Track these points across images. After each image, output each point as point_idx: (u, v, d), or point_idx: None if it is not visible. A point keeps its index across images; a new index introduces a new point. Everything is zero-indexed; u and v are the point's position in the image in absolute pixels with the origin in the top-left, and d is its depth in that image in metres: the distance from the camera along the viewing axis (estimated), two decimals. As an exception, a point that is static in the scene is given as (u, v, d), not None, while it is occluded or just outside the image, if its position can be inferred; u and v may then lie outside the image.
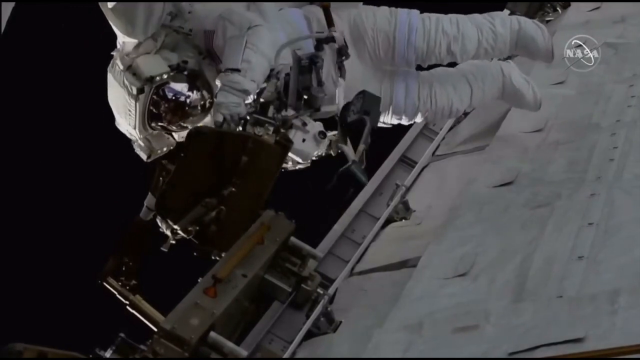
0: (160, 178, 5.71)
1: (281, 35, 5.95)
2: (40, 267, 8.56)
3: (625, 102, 6.66)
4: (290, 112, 5.84)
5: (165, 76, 5.73)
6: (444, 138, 7.65)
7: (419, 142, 7.70)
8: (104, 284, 5.70)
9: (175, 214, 5.57)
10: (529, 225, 5.50)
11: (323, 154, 5.99)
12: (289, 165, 5.96)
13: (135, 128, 5.84)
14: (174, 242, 5.63)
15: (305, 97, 5.82)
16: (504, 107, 7.33)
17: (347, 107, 5.81)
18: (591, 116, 6.63)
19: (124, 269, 5.73)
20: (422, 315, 5.01)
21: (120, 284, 5.69)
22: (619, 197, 5.33)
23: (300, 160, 5.93)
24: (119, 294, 5.68)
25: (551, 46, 6.67)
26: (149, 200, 5.72)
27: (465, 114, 7.90)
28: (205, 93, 5.91)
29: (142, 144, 5.93)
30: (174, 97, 5.80)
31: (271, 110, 5.78)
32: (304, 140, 5.85)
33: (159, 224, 5.63)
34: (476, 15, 6.57)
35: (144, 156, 5.94)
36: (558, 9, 9.14)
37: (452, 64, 6.62)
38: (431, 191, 6.89)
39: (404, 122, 6.54)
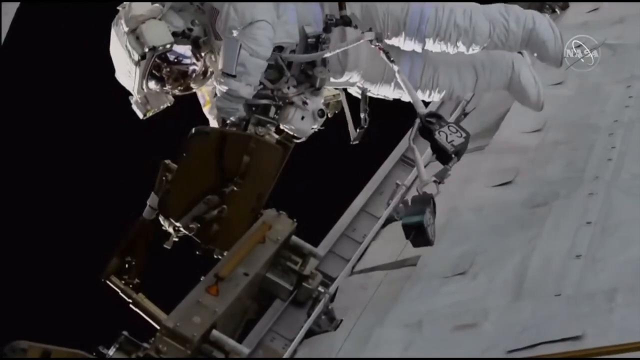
0: (163, 178, 5.71)
1: (291, 14, 5.86)
2: (44, 266, 8.55)
3: (623, 102, 6.67)
4: (291, 90, 5.84)
5: (168, 46, 5.67)
6: (443, 138, 7.63)
7: (419, 141, 7.68)
8: (108, 282, 5.70)
9: (178, 212, 5.57)
10: (528, 225, 5.50)
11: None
12: (286, 128, 5.93)
13: (134, 89, 5.80)
14: (176, 239, 5.63)
15: (309, 73, 5.83)
16: (504, 108, 7.33)
17: (446, 125, 5.63)
18: (589, 116, 6.64)
19: (127, 267, 5.73)
20: (421, 313, 5.01)
21: (123, 282, 5.69)
22: (617, 197, 5.33)
23: (298, 136, 5.93)
24: (122, 292, 5.67)
25: (562, 53, 6.47)
26: (152, 199, 5.71)
27: (465, 114, 7.92)
28: (208, 59, 5.87)
29: (139, 101, 5.88)
30: (176, 61, 5.76)
31: (272, 111, 5.78)
32: (302, 117, 5.86)
33: (162, 222, 5.63)
34: (492, 8, 6.38)
35: (140, 114, 5.85)
36: (557, 10, 9.12)
37: None
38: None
39: (404, 99, 6.43)
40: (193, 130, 5.58)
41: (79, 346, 5.04)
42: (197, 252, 5.74)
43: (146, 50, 5.61)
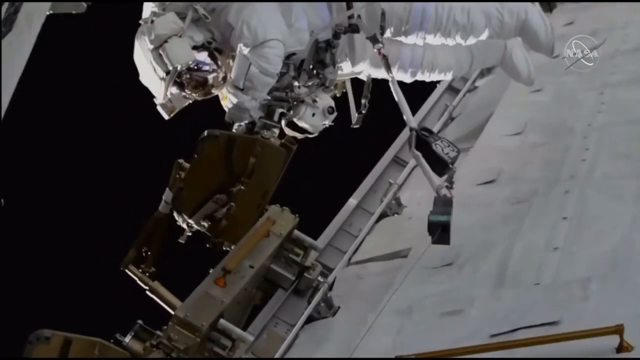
0: (177, 176, 5.71)
1: (303, 21, 5.77)
2: (66, 258, 8.57)
3: (596, 108, 6.68)
4: (303, 90, 5.83)
5: (191, 63, 5.58)
6: (432, 141, 7.62)
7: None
8: (126, 270, 5.70)
9: (190, 209, 5.58)
10: (510, 220, 5.51)
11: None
12: (298, 135, 5.94)
13: (159, 96, 5.68)
14: (189, 234, 5.64)
15: (319, 73, 5.82)
16: (488, 112, 7.35)
17: (439, 140, 5.57)
18: (565, 121, 6.65)
19: (144, 257, 5.73)
20: (412, 300, 5.02)
21: (140, 271, 5.69)
22: (591, 194, 5.35)
23: (311, 131, 5.94)
24: (140, 280, 5.67)
25: (552, 43, 6.49)
26: (167, 195, 5.71)
27: (452, 118, 7.93)
28: (226, 66, 5.78)
29: (164, 103, 5.81)
30: (196, 68, 5.66)
31: (277, 115, 5.78)
32: (313, 115, 5.88)
33: (176, 217, 5.64)
34: (489, 4, 6.32)
35: (165, 115, 5.78)
36: None
37: None
38: (421, 189, 6.88)
39: (405, 80, 6.35)
40: (204, 133, 5.58)
41: (98, 334, 5.03)
42: (207, 245, 5.75)
43: (170, 68, 5.54)
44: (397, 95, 5.70)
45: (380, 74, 6.14)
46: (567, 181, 5.65)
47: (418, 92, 8.18)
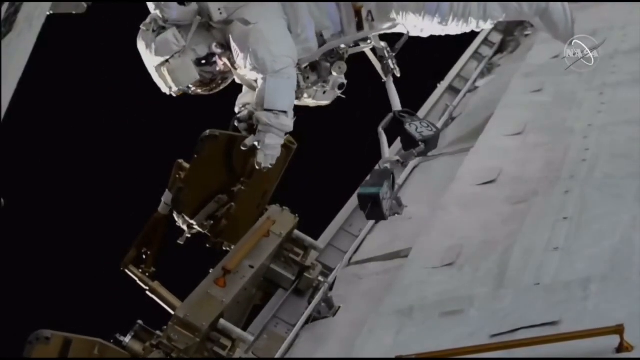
0: (177, 176, 5.72)
1: (310, 32, 5.57)
2: (67, 258, 8.57)
3: (595, 108, 6.68)
4: (314, 78, 5.69)
5: (194, 81, 5.43)
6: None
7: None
8: (126, 271, 5.71)
9: (190, 209, 5.58)
10: (510, 220, 5.51)
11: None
12: (311, 103, 5.84)
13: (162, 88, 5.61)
14: (189, 235, 5.64)
15: (328, 65, 5.72)
16: (488, 112, 7.34)
17: (418, 121, 5.51)
18: (565, 121, 6.64)
19: (143, 258, 5.74)
20: (412, 301, 5.02)
21: (140, 271, 5.70)
22: (591, 194, 5.34)
23: (324, 103, 5.87)
24: (140, 280, 5.68)
25: (572, 33, 6.19)
26: (167, 196, 5.71)
27: (452, 118, 7.94)
28: (228, 71, 5.61)
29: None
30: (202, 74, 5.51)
31: None
32: (324, 92, 5.80)
33: (176, 218, 5.64)
34: None
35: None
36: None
37: None
38: (421, 189, 6.90)
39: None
40: (204, 133, 5.58)
41: (98, 334, 5.03)
42: (207, 245, 5.75)
43: (174, 89, 5.44)
44: (388, 87, 5.68)
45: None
46: (567, 181, 5.65)
47: (418, 92, 8.21)
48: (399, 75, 5.91)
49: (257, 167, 5.35)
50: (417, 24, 5.86)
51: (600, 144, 6.00)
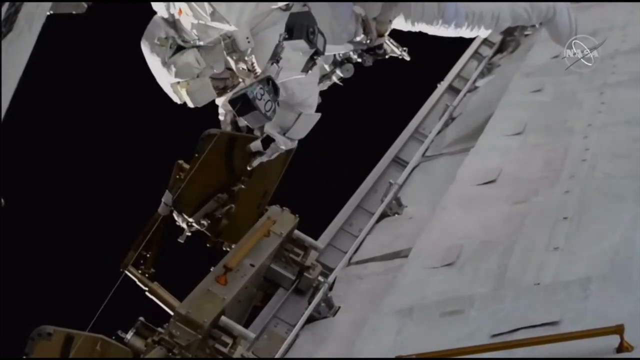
0: (177, 176, 5.72)
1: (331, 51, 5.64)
2: (69, 258, 8.58)
3: (595, 108, 6.67)
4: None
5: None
6: (432, 141, 7.65)
7: (410, 144, 7.70)
8: (126, 272, 5.71)
9: (190, 208, 5.58)
10: (510, 220, 5.51)
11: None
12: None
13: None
14: (189, 234, 5.64)
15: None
16: (488, 112, 7.34)
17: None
18: (565, 121, 6.64)
19: (143, 259, 5.73)
20: (413, 301, 5.02)
21: (140, 272, 5.70)
22: (591, 194, 5.34)
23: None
24: (139, 281, 5.68)
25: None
26: (167, 197, 5.71)
27: (452, 118, 7.93)
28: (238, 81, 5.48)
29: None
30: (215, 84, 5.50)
31: None
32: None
33: (176, 217, 5.64)
34: (519, 6, 6.30)
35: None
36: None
37: None
38: (421, 189, 6.90)
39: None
40: (205, 132, 5.58)
41: (100, 330, 5.04)
42: (208, 245, 5.75)
43: (190, 105, 5.33)
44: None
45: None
46: (567, 181, 5.65)
47: (418, 92, 8.21)
48: (408, 59, 6.05)
49: (249, 167, 5.47)
50: (428, 31, 5.96)
51: (601, 144, 6.00)
